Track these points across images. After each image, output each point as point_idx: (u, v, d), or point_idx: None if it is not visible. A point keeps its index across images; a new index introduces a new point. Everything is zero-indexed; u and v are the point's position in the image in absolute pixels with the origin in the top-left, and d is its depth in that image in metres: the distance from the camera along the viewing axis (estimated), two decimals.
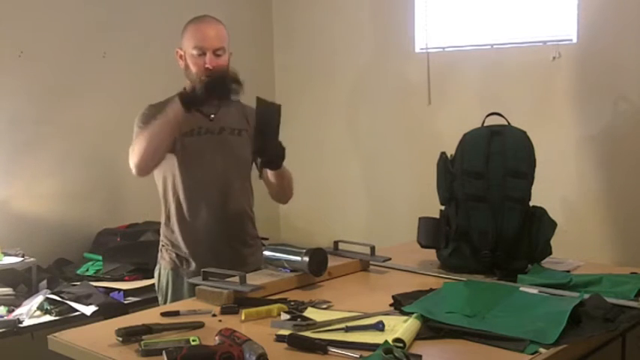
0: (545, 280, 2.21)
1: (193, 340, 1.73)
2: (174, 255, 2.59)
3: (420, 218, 2.54)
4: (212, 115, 2.59)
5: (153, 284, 3.02)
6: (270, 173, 2.53)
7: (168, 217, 2.61)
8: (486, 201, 2.39)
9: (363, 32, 3.95)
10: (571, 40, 3.22)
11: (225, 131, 2.59)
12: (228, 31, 2.59)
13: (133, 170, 2.49)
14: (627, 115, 3.11)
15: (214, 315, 1.97)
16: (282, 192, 2.65)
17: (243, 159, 2.59)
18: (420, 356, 1.64)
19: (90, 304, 2.91)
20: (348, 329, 1.79)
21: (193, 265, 2.56)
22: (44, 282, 3.12)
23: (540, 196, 2.46)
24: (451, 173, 2.47)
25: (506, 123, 2.53)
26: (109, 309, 2.85)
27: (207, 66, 2.51)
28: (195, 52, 2.52)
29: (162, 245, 2.64)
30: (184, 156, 2.55)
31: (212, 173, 2.56)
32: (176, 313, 1.99)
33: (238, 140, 2.61)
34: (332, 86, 4.12)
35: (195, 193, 2.56)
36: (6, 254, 3.12)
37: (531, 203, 2.43)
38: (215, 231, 2.56)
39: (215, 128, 2.58)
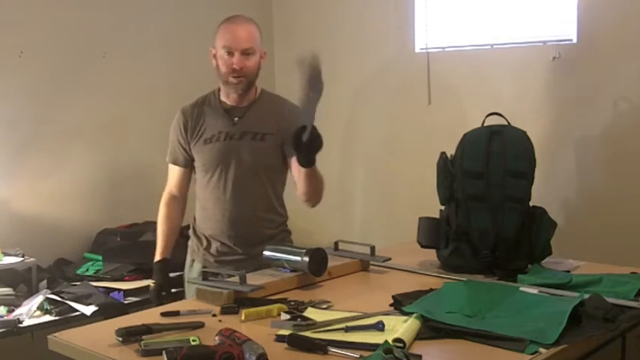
0: (545, 280, 2.21)
1: (193, 340, 1.73)
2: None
3: (420, 218, 2.54)
4: (236, 119, 2.61)
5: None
6: (302, 172, 2.45)
7: (194, 218, 2.73)
8: (486, 201, 2.39)
9: (363, 32, 3.95)
10: (571, 40, 3.22)
11: (246, 136, 2.58)
12: (260, 31, 2.61)
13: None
14: (627, 115, 3.11)
15: (214, 315, 1.97)
16: (314, 193, 2.56)
17: (261, 164, 2.58)
18: (420, 356, 1.64)
19: (90, 304, 2.91)
20: (348, 329, 1.79)
21: (199, 265, 2.66)
22: (44, 282, 3.12)
23: (540, 196, 2.46)
24: (451, 173, 2.47)
25: (506, 123, 2.53)
26: (109, 309, 2.85)
27: (234, 67, 2.53)
28: (224, 51, 2.55)
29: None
30: (201, 164, 2.63)
31: (223, 180, 2.59)
32: (176, 313, 1.99)
33: (260, 145, 2.58)
34: (332, 86, 4.06)
35: (208, 201, 2.64)
36: (6, 254, 3.12)
37: (531, 203, 2.43)
38: (224, 236, 2.62)
39: (236, 133, 2.59)
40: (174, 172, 2.72)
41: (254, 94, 2.65)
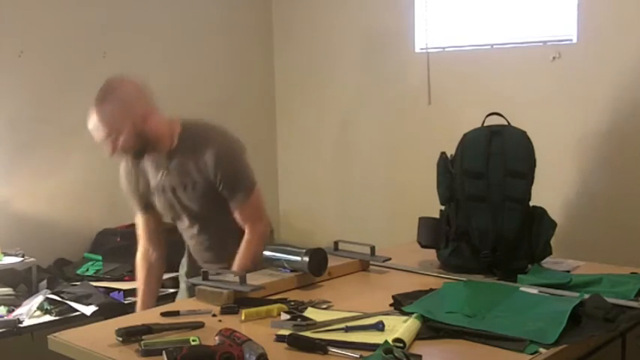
0: (545, 280, 2.21)
1: (193, 340, 1.73)
2: None
3: (420, 218, 2.54)
4: (161, 173, 2.50)
5: None
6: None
7: None
8: (486, 201, 2.39)
9: (363, 32, 3.95)
10: (571, 40, 3.22)
11: (178, 188, 2.48)
12: (116, 105, 2.38)
13: None
14: (627, 115, 3.11)
15: (214, 315, 1.97)
16: None
17: (206, 210, 2.49)
18: (420, 356, 1.64)
19: (90, 304, 2.91)
20: (348, 329, 1.79)
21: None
22: (44, 282, 3.12)
23: (540, 196, 2.46)
24: (451, 173, 2.47)
25: (506, 123, 2.53)
26: (109, 309, 2.86)
27: (109, 152, 2.42)
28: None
29: None
30: (159, 211, 2.62)
31: (180, 224, 2.60)
32: (176, 313, 1.99)
33: (194, 194, 2.45)
34: (332, 86, 4.12)
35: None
36: (6, 254, 3.12)
37: (531, 203, 2.43)
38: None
39: (167, 188, 2.50)
40: (138, 222, 2.67)
41: (170, 143, 2.44)
